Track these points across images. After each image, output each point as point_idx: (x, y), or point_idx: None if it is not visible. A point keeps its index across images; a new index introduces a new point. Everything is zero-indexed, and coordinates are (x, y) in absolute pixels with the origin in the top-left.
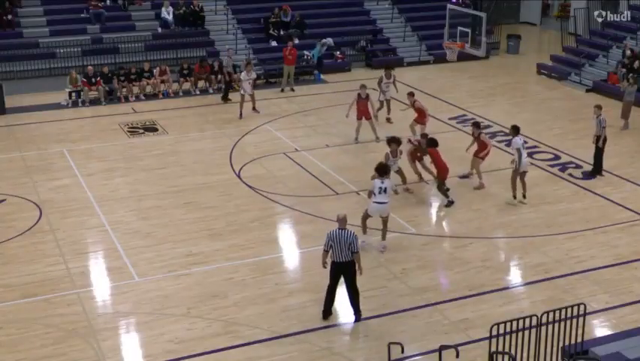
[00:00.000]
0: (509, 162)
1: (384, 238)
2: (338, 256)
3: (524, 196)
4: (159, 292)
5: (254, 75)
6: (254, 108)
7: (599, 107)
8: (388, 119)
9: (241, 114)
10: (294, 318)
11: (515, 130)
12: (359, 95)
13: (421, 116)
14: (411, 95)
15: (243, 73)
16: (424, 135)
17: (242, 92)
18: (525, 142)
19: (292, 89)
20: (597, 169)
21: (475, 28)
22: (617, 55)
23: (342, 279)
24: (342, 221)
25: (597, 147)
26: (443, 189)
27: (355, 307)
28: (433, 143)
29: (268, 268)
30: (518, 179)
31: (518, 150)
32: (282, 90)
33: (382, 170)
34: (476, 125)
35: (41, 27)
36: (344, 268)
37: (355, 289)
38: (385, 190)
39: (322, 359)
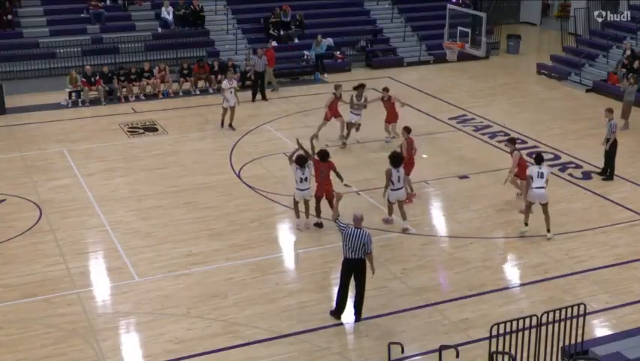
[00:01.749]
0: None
1: (307, 216)
2: (351, 254)
3: (548, 230)
4: (159, 292)
5: (235, 84)
6: (230, 124)
7: (610, 111)
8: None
9: (223, 123)
10: (294, 318)
11: (537, 160)
12: (334, 94)
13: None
14: (385, 90)
15: (224, 82)
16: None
17: (224, 104)
18: (542, 173)
19: (274, 90)
20: (605, 172)
21: (475, 28)
22: (617, 55)
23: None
24: (358, 220)
25: (606, 150)
26: (318, 209)
27: (357, 308)
28: (321, 155)
29: (268, 268)
30: (542, 209)
31: (529, 177)
32: (271, 90)
33: (301, 161)
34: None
35: (41, 27)
36: (356, 266)
37: (363, 290)
38: (307, 179)
39: (322, 359)
